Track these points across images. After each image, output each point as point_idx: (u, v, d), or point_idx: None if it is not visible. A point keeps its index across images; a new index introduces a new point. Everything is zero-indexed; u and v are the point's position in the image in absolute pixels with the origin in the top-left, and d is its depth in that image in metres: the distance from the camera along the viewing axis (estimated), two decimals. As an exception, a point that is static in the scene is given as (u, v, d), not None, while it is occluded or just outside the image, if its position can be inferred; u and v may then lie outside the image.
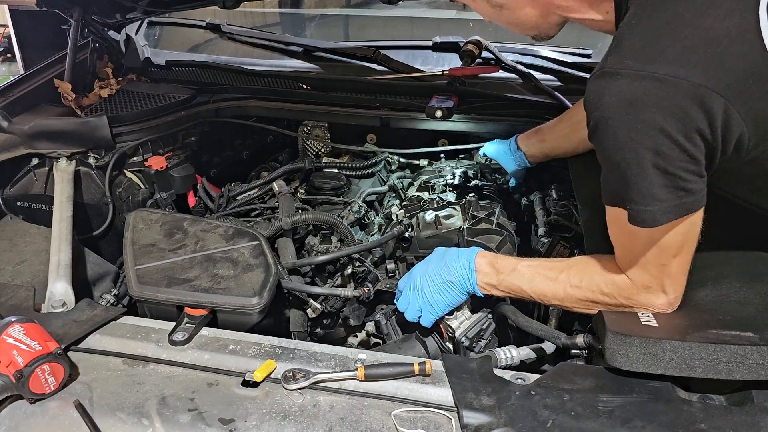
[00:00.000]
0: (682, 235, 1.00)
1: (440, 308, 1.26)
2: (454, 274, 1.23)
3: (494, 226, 1.52)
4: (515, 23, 1.16)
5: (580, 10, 1.09)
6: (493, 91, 1.85)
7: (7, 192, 1.73)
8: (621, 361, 0.96)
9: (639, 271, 1.05)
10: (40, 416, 0.98)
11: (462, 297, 1.25)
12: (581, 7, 1.09)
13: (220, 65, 2.12)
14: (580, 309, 1.14)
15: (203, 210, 1.93)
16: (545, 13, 1.12)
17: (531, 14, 1.12)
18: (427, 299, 1.25)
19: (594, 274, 1.11)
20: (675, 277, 1.04)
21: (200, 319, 1.18)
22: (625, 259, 1.07)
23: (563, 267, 1.16)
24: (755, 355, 0.92)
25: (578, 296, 1.12)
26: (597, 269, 1.11)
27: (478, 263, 1.23)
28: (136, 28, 2.28)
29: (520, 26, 1.17)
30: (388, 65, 1.98)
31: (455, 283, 1.23)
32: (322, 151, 2.13)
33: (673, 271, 1.03)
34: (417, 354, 1.30)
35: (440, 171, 1.91)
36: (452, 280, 1.23)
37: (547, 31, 1.18)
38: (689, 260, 1.04)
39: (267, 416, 0.95)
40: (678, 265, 1.03)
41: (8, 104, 1.82)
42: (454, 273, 1.23)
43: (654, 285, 1.04)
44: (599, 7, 1.07)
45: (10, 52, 5.45)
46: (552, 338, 1.13)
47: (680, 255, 1.02)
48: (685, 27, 0.91)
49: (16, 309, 1.22)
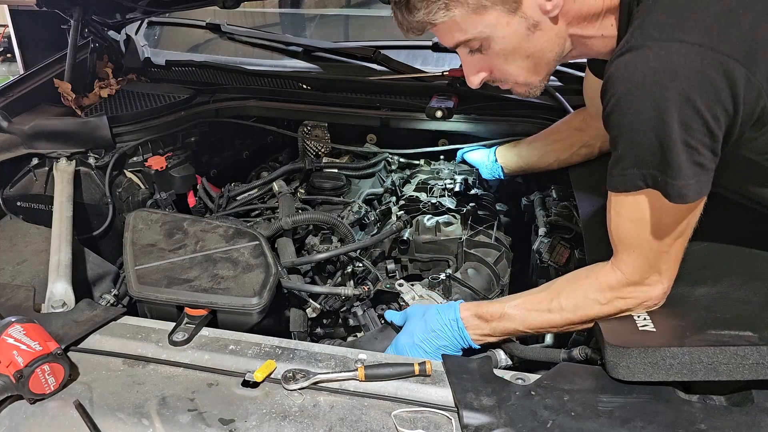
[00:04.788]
0: (685, 219, 1.00)
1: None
2: (444, 338, 1.20)
3: (492, 240, 1.52)
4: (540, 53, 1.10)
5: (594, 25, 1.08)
6: (493, 92, 1.85)
7: (7, 192, 1.73)
8: (623, 373, 0.96)
9: (637, 262, 1.04)
10: (40, 416, 0.97)
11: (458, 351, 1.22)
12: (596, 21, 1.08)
13: (220, 65, 2.13)
14: (581, 328, 1.13)
15: (203, 210, 1.93)
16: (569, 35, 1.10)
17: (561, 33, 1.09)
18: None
19: (586, 290, 1.09)
20: (672, 264, 1.04)
21: (200, 320, 1.18)
22: (626, 252, 1.05)
23: (552, 296, 1.13)
24: (755, 355, 0.92)
25: (576, 319, 1.11)
26: (587, 284, 1.10)
27: (465, 319, 1.19)
28: (136, 28, 2.28)
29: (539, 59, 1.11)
30: (388, 65, 1.98)
31: (449, 347, 1.20)
32: (322, 151, 2.13)
33: (672, 258, 1.04)
34: None
35: (438, 172, 1.91)
36: (445, 344, 1.20)
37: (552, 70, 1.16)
38: (684, 245, 1.04)
39: (267, 416, 0.95)
40: (676, 251, 1.03)
41: (8, 104, 1.82)
42: (445, 336, 1.20)
43: (651, 275, 1.04)
44: (606, 22, 1.08)
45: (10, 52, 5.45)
46: (551, 358, 1.11)
47: (680, 240, 1.02)
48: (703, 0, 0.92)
49: (16, 309, 1.22)
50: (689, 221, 1.00)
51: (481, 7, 1.02)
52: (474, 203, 1.70)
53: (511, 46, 1.08)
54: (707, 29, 0.90)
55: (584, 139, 1.57)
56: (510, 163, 1.74)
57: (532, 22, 1.05)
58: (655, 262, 1.03)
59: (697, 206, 0.99)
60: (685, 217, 0.99)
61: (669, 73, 0.89)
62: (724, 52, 0.88)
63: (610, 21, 1.08)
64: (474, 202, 1.71)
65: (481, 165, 1.80)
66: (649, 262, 1.03)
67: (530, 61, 1.11)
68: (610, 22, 1.08)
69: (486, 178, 1.81)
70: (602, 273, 1.09)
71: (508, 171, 1.75)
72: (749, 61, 0.89)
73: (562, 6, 1.04)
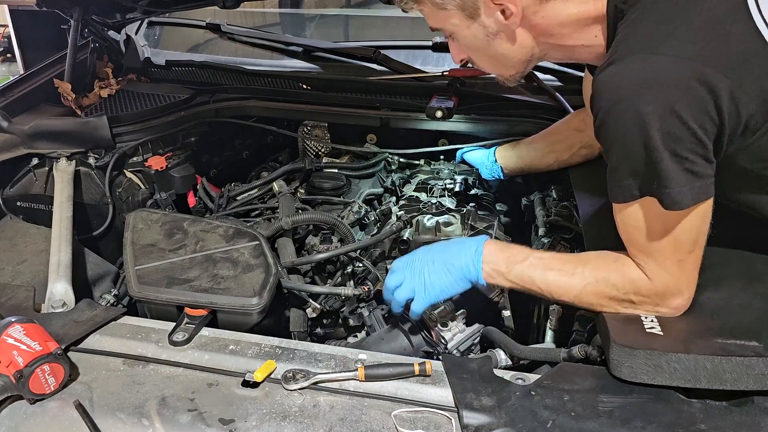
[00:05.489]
0: (696, 228, 1.00)
1: (436, 292, 1.21)
2: (457, 257, 1.19)
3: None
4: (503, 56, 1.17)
5: (572, 36, 1.11)
6: (493, 92, 1.85)
7: (7, 192, 1.73)
8: (625, 372, 0.96)
9: (658, 271, 1.03)
10: (40, 416, 0.98)
11: (462, 284, 1.20)
12: (573, 33, 1.11)
13: (220, 65, 2.12)
14: (589, 306, 1.11)
15: (203, 210, 1.92)
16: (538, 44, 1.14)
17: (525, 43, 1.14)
18: (424, 279, 1.20)
19: (610, 272, 1.08)
20: (691, 274, 1.04)
21: (200, 320, 1.18)
22: (641, 257, 1.05)
23: (579, 262, 1.12)
24: (760, 366, 0.92)
25: (594, 294, 1.09)
26: (614, 267, 1.09)
27: (486, 250, 1.18)
28: (136, 28, 2.28)
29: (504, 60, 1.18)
30: (388, 65, 1.98)
31: (457, 267, 1.19)
32: (322, 151, 2.13)
33: (690, 268, 1.03)
34: (401, 345, 1.29)
35: (438, 172, 1.91)
36: (454, 263, 1.19)
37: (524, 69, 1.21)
38: (701, 257, 1.04)
39: (267, 416, 0.95)
40: (693, 261, 1.03)
41: (8, 104, 1.82)
42: (458, 256, 1.19)
43: (673, 285, 1.03)
44: (588, 33, 1.09)
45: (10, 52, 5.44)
46: (550, 358, 1.10)
47: (695, 251, 1.02)
48: (687, 12, 0.94)
49: (16, 309, 1.22)
50: (699, 229, 1.00)
51: (442, 8, 1.12)
52: (474, 203, 1.70)
53: (473, 45, 1.17)
54: (691, 41, 0.92)
55: (584, 139, 1.58)
56: (510, 164, 1.74)
57: (491, 31, 1.12)
58: (676, 272, 1.03)
59: (703, 214, 0.99)
60: (693, 225, 0.99)
61: (651, 86, 0.91)
62: (707, 64, 0.90)
63: (593, 32, 1.09)
64: (474, 202, 1.71)
65: (481, 165, 1.80)
66: (669, 271, 1.03)
67: (494, 60, 1.19)
68: (593, 33, 1.09)
69: (486, 178, 1.81)
70: (628, 264, 1.08)
71: (507, 171, 1.76)
72: (734, 72, 0.90)
73: (530, 19, 1.09)
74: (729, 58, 0.91)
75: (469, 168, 1.88)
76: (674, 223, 0.99)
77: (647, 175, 0.96)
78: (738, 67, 0.91)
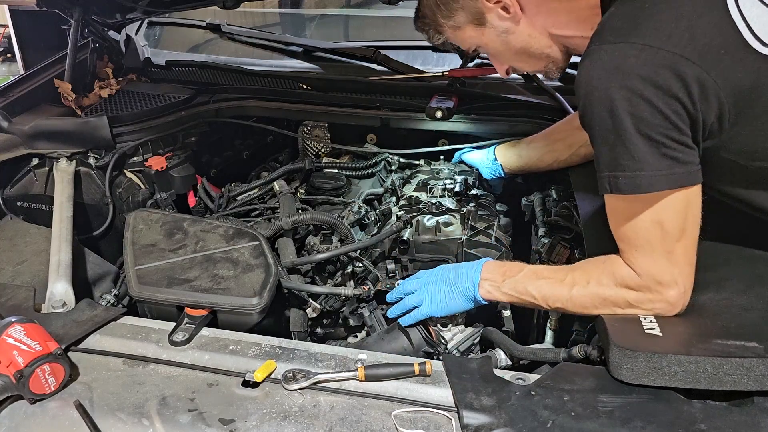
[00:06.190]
0: (681, 215, 1.00)
1: (437, 308, 1.26)
2: (460, 277, 1.25)
3: (492, 240, 1.52)
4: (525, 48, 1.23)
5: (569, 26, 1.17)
6: (493, 92, 1.85)
7: (7, 192, 1.73)
8: (625, 374, 0.96)
9: (647, 263, 1.04)
10: (40, 416, 0.98)
11: (462, 303, 1.25)
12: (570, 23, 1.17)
13: (220, 65, 2.13)
14: (584, 311, 1.12)
15: (203, 210, 1.92)
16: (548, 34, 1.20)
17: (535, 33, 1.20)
18: (431, 294, 1.26)
19: (600, 274, 1.09)
20: (682, 265, 1.04)
21: (200, 320, 1.18)
22: (630, 252, 1.06)
23: (570, 269, 1.16)
24: (761, 367, 0.92)
25: (587, 296, 1.10)
26: (602, 268, 1.10)
27: (485, 268, 1.24)
28: (136, 28, 2.28)
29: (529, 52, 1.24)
30: (388, 65, 1.98)
31: (457, 286, 1.24)
32: (322, 151, 2.13)
33: (679, 259, 1.03)
34: (401, 346, 1.29)
35: (438, 172, 1.91)
36: (456, 282, 1.25)
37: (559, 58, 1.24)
38: (694, 249, 1.04)
39: (267, 416, 0.95)
40: (684, 251, 1.03)
41: (8, 104, 1.82)
42: (460, 276, 1.25)
43: (664, 277, 1.03)
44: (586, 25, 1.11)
45: (10, 52, 5.44)
46: (550, 358, 1.10)
47: (683, 239, 1.02)
48: (659, 5, 0.97)
49: (17, 309, 1.22)
50: (685, 217, 1.01)
51: (457, 28, 1.24)
52: (474, 203, 1.70)
53: (497, 50, 1.27)
54: (658, 31, 0.95)
55: (584, 138, 1.57)
56: (510, 163, 1.75)
57: (501, 30, 1.21)
58: (665, 263, 1.03)
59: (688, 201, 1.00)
60: (677, 211, 1.00)
61: (618, 72, 0.95)
62: (674, 51, 0.93)
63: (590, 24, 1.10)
64: (474, 202, 1.72)
65: (481, 165, 1.80)
66: (657, 262, 1.03)
67: (522, 57, 1.26)
68: (590, 25, 1.10)
69: (487, 177, 1.80)
70: (617, 263, 1.09)
71: (507, 170, 1.76)
72: (703, 60, 0.93)
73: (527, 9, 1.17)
74: (697, 47, 0.93)
75: (469, 168, 1.88)
76: (658, 210, 1.00)
77: (623, 159, 0.98)
78: (706, 55, 0.93)
